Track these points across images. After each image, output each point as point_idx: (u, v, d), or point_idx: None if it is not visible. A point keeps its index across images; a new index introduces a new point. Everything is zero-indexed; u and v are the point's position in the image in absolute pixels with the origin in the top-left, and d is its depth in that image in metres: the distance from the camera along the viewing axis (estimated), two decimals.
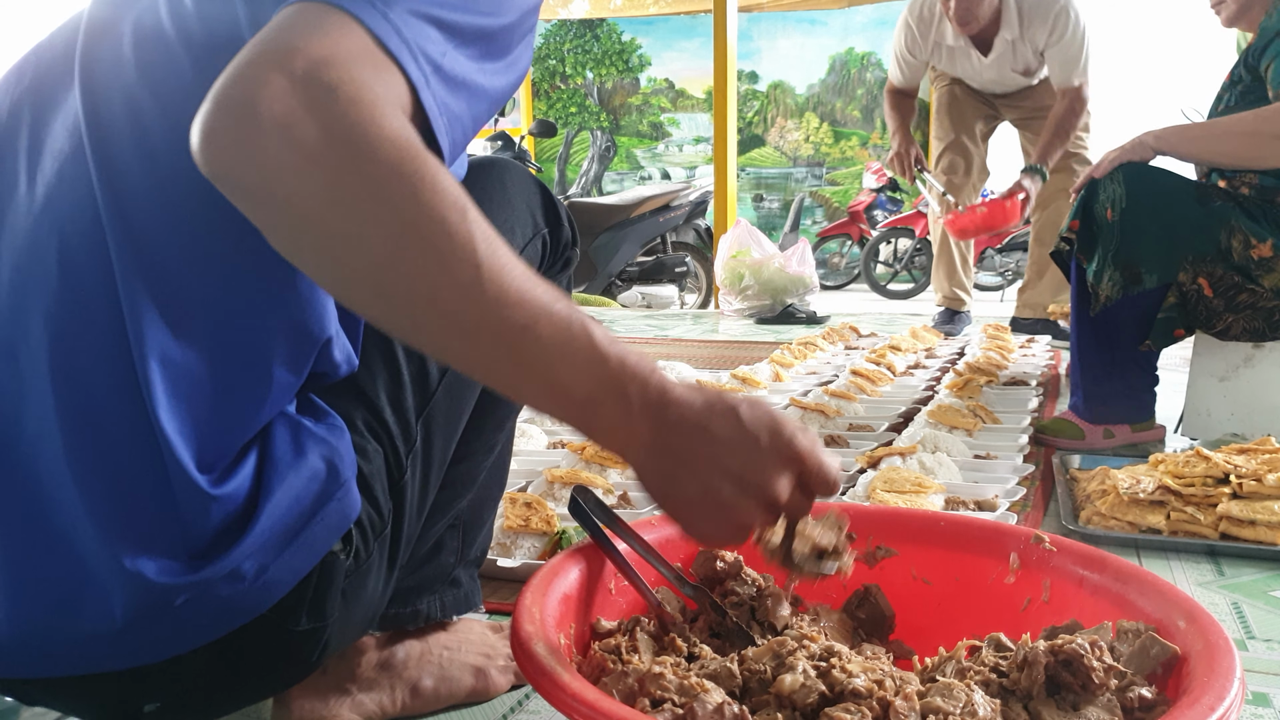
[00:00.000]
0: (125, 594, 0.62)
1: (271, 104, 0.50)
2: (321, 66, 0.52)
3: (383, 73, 0.55)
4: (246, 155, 0.51)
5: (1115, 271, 1.75)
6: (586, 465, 1.58)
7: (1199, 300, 1.76)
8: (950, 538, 0.92)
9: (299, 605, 0.69)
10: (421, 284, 0.53)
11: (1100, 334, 1.83)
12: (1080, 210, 1.80)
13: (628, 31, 10.38)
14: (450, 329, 0.55)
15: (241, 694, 0.75)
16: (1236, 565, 1.29)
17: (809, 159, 10.15)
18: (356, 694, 0.87)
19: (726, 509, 0.63)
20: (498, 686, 0.94)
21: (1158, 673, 0.70)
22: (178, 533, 0.63)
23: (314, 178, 0.51)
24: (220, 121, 0.51)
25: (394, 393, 0.76)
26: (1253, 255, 1.71)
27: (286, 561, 0.67)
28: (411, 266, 0.52)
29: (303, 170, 0.51)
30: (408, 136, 0.53)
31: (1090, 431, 1.89)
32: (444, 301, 0.53)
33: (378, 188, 0.51)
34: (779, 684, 0.67)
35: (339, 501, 0.69)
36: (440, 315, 0.54)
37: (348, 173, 0.51)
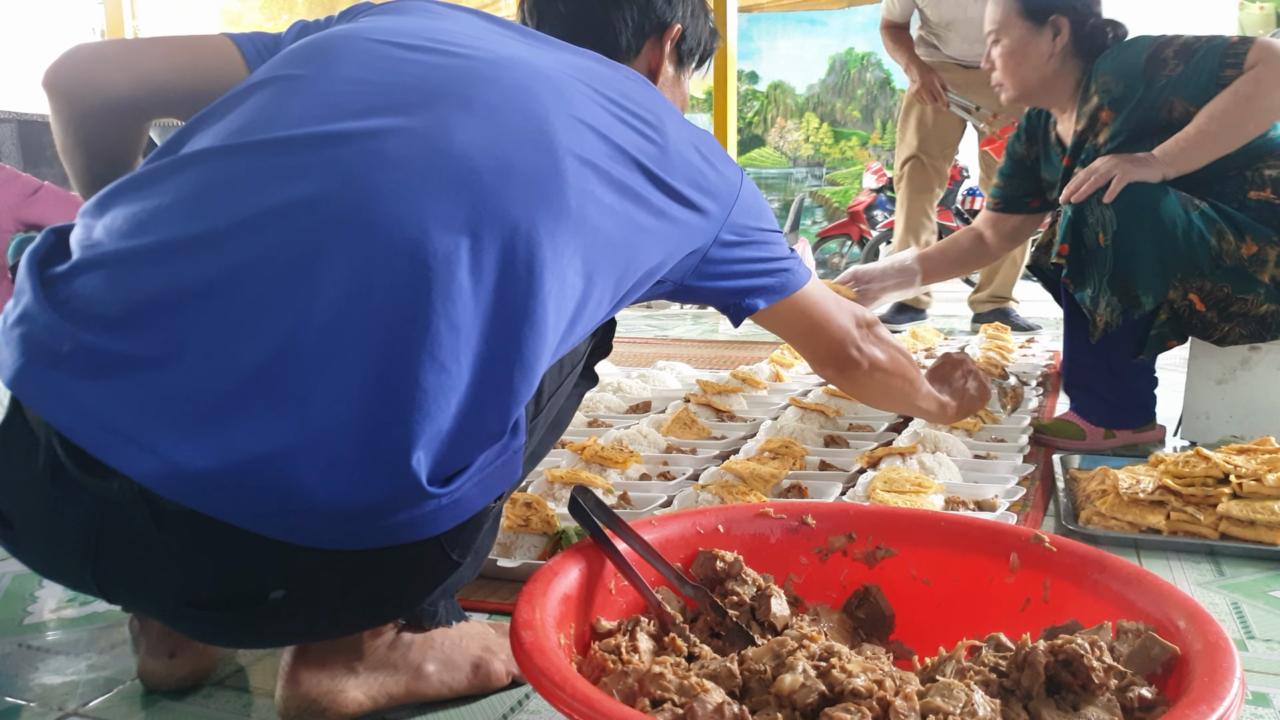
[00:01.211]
0: (392, 484, 0.70)
1: (862, 357, 1.19)
2: (844, 327, 1.17)
3: (839, 302, 1.18)
4: (870, 382, 1.23)
5: (1112, 296, 1.72)
6: (586, 465, 1.58)
7: (1192, 315, 1.76)
8: (950, 538, 0.92)
9: (458, 538, 0.78)
10: (916, 407, 1.37)
11: (1095, 350, 1.82)
12: (1069, 234, 1.75)
13: None
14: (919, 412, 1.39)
15: (360, 609, 0.80)
16: (1236, 565, 1.29)
17: (809, 159, 10.15)
18: (362, 673, 0.89)
19: (975, 405, 1.52)
20: (499, 678, 0.95)
21: (1158, 673, 0.71)
22: (455, 453, 0.73)
23: (890, 378, 1.25)
24: (852, 373, 1.20)
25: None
26: (1243, 254, 1.71)
27: (472, 494, 0.75)
28: (914, 405, 1.36)
29: (884, 375, 1.23)
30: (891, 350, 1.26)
31: (1091, 432, 1.89)
32: (920, 410, 1.39)
33: (904, 377, 1.28)
34: (779, 684, 0.67)
35: (512, 455, 0.79)
36: (920, 412, 1.39)
37: (897, 371, 1.26)
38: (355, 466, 0.69)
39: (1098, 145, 1.90)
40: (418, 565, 0.78)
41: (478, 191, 0.77)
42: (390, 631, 0.90)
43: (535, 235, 0.78)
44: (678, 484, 1.54)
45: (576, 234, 0.81)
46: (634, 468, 1.62)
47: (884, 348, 1.20)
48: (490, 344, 0.75)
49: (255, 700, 0.94)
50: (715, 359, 3.15)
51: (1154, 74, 1.81)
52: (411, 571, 0.78)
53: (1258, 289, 1.71)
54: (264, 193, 0.75)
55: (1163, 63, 1.81)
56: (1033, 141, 2.20)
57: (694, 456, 1.72)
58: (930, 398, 1.34)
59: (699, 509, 0.98)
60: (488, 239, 0.76)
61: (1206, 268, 1.72)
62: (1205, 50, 1.78)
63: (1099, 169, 1.74)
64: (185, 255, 0.73)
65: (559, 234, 0.79)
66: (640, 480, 1.58)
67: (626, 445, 1.71)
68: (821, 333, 1.12)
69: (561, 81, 0.87)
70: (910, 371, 1.26)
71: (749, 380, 2.27)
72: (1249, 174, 1.78)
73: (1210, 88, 1.75)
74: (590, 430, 1.90)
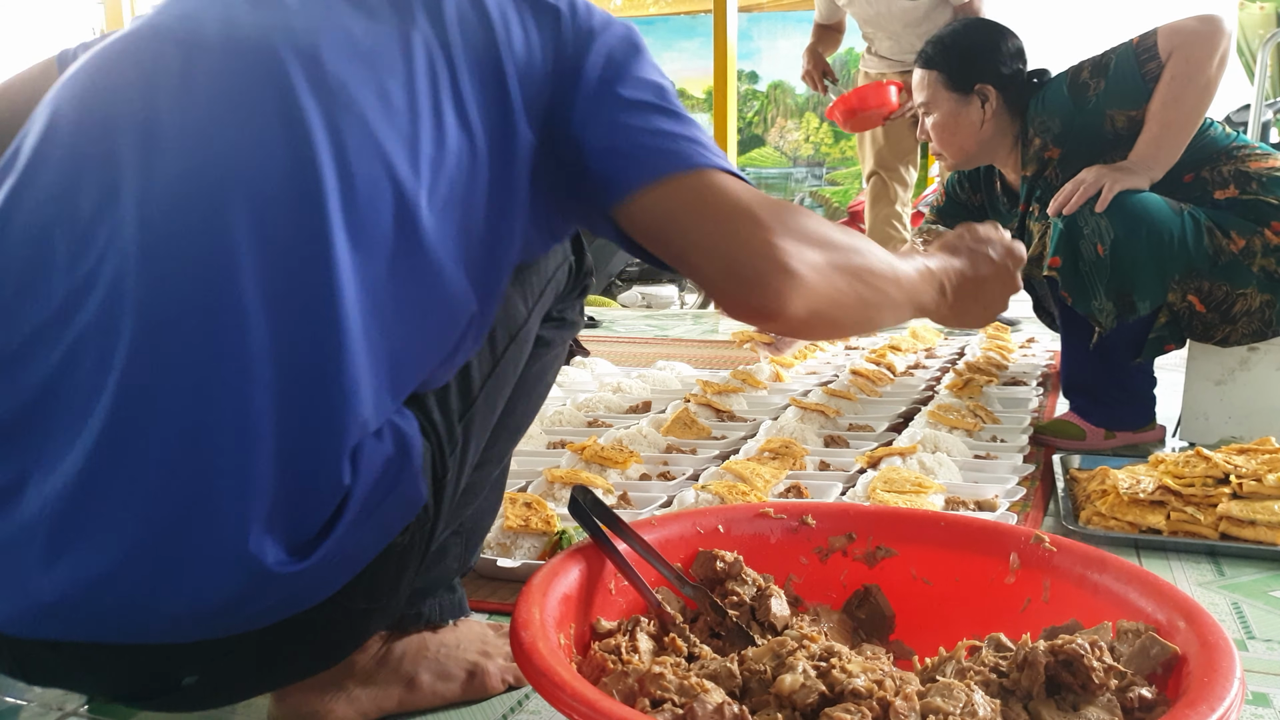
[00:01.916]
0: (237, 576, 0.63)
1: (795, 259, 0.71)
2: (777, 214, 0.72)
3: (760, 193, 0.75)
4: (812, 294, 0.72)
5: (1108, 302, 1.73)
6: (586, 465, 1.58)
7: (1192, 316, 1.76)
8: (950, 538, 0.92)
9: (358, 586, 0.71)
10: (891, 304, 0.82)
11: (1094, 353, 1.82)
12: (1063, 247, 1.74)
13: None
14: (895, 313, 0.84)
15: (280, 673, 0.76)
16: (1236, 565, 1.29)
17: (809, 159, 10.15)
18: (353, 689, 0.87)
19: (993, 304, 0.97)
20: (494, 685, 0.94)
21: (1158, 673, 0.71)
22: (303, 521, 0.65)
23: (844, 282, 0.75)
24: (782, 285, 0.71)
25: (441, 395, 0.78)
26: (1233, 250, 1.71)
27: (360, 542, 0.69)
28: (891, 301, 0.82)
29: (836, 281, 0.74)
30: (823, 225, 0.76)
31: (1091, 432, 1.89)
32: (895, 306, 0.83)
33: (865, 272, 0.78)
34: (779, 684, 0.67)
35: (408, 486, 0.71)
36: (895, 310, 0.84)
37: (851, 271, 0.77)
38: (194, 565, 0.63)
39: (1051, 182, 1.93)
40: (328, 628, 0.73)
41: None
42: (378, 643, 0.89)
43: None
44: (678, 484, 1.54)
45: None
46: (634, 468, 1.62)
47: (820, 238, 0.75)
48: (283, 392, 0.65)
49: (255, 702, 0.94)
50: (715, 359, 3.15)
51: (1081, 98, 1.86)
52: (323, 635, 0.74)
53: (1251, 281, 1.72)
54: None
55: (1084, 86, 1.85)
56: (976, 189, 2.24)
57: (694, 456, 1.72)
58: (907, 280, 0.85)
59: (699, 509, 0.98)
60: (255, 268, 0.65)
61: (1204, 267, 1.72)
62: (1117, 58, 1.82)
63: (1087, 180, 1.75)
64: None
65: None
66: (640, 480, 1.58)
67: (626, 445, 1.71)
68: (728, 225, 0.71)
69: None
70: (867, 259, 0.79)
71: (749, 380, 2.27)
72: (1208, 175, 1.81)
73: (1140, 87, 1.79)
74: (590, 430, 1.90)
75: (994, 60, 1.98)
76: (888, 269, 0.82)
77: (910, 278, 0.85)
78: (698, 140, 0.75)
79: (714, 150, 0.75)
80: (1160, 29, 1.80)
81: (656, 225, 0.73)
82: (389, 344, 0.68)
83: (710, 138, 0.76)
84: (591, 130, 0.75)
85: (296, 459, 0.65)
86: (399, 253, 0.68)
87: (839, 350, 3.03)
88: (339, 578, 0.69)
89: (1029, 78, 2.00)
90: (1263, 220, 1.73)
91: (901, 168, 3.91)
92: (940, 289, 0.90)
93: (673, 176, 0.72)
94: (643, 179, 0.72)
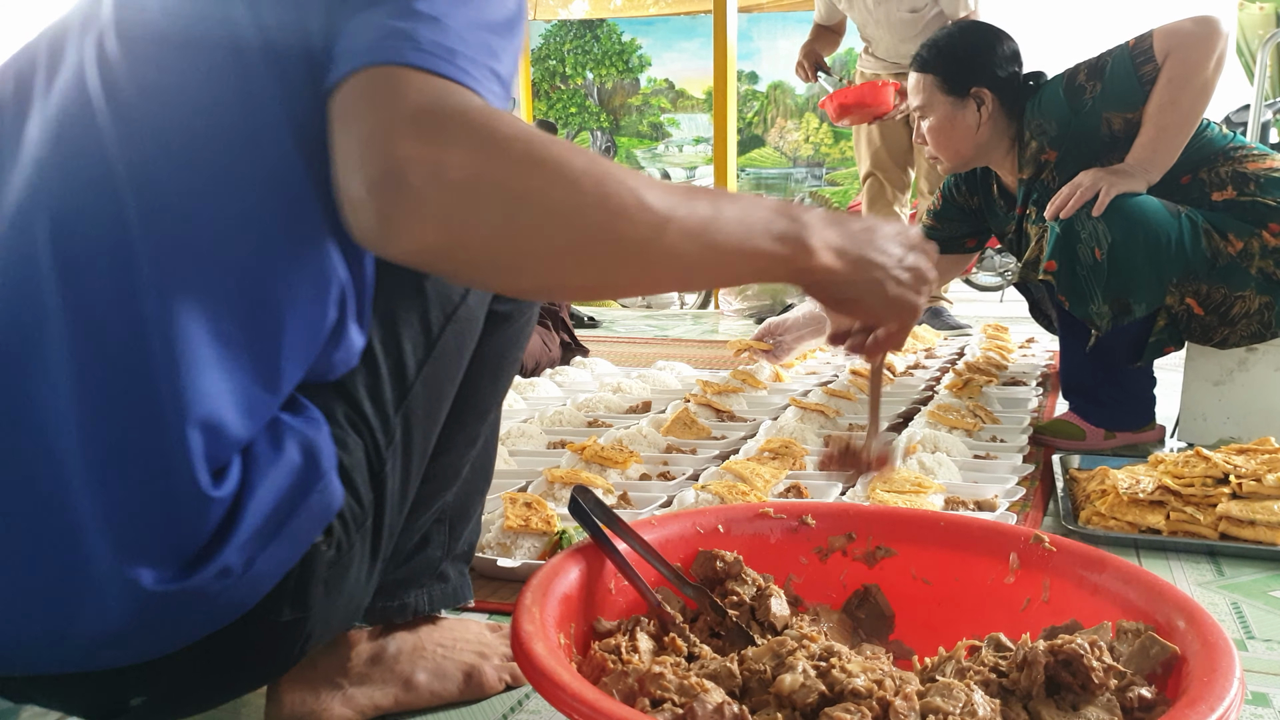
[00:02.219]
0: (120, 602, 0.62)
1: (413, 162, 0.54)
2: (424, 112, 0.55)
3: (465, 94, 0.58)
4: (424, 217, 0.54)
5: (1104, 306, 1.73)
6: (586, 465, 1.58)
7: (1190, 319, 1.76)
8: (950, 538, 0.92)
9: (282, 597, 0.69)
10: (610, 234, 0.59)
11: (1093, 356, 1.82)
12: (1059, 251, 1.74)
13: (628, 32, 10.38)
14: (656, 254, 0.60)
15: (227, 687, 0.75)
16: (1236, 565, 1.29)
17: (809, 159, 10.14)
18: (348, 688, 0.87)
19: (917, 268, 0.77)
20: (491, 685, 0.93)
21: (1157, 673, 0.71)
22: (175, 539, 0.63)
23: (487, 201, 0.55)
24: (384, 199, 0.54)
25: (372, 385, 0.76)
26: (1231, 252, 1.71)
27: (272, 555, 0.67)
28: (597, 227, 0.58)
29: (474, 198, 0.54)
30: (517, 121, 0.57)
31: (1091, 432, 1.89)
32: (636, 238, 0.59)
33: (535, 179, 0.56)
34: (779, 684, 0.67)
35: (320, 494, 0.69)
36: (639, 247, 0.60)
37: (507, 180, 0.55)
38: (77, 595, 0.62)
39: (1048, 185, 1.93)
40: (261, 639, 0.71)
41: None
42: (370, 642, 0.89)
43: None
44: (678, 484, 1.54)
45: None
46: (634, 468, 1.62)
47: (487, 137, 0.56)
48: (89, 411, 0.61)
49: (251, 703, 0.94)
50: (715, 359, 3.15)
51: (1077, 101, 1.86)
52: (258, 647, 0.72)
53: (1249, 284, 1.72)
54: None
55: (1080, 89, 1.86)
56: (973, 192, 2.24)
57: (694, 456, 1.72)
58: (664, 197, 0.61)
59: (699, 509, 0.98)
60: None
61: (1201, 270, 1.72)
62: (1114, 60, 1.83)
63: (1084, 183, 1.75)
64: None
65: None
66: (640, 480, 1.58)
67: (626, 445, 1.71)
68: (365, 120, 0.57)
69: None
70: (562, 166, 0.57)
71: (749, 380, 2.27)
72: (1205, 176, 1.81)
73: (1136, 90, 1.79)
74: (590, 430, 1.90)
75: (989, 63, 1.98)
76: (623, 196, 0.58)
77: (680, 207, 0.61)
78: (408, 35, 0.59)
79: (429, 48, 0.59)
80: (1156, 31, 1.80)
81: (329, 128, 0.59)
82: (238, 332, 0.64)
83: (453, 38, 0.60)
84: (337, 40, 0.63)
85: (125, 474, 0.62)
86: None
87: (839, 350, 3.03)
88: (254, 590, 0.67)
89: (1025, 81, 2.00)
90: (1260, 222, 1.73)
91: (898, 169, 3.91)
92: (797, 239, 0.68)
93: (355, 71, 0.58)
94: (334, 79, 0.60)
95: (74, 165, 0.64)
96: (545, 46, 10.39)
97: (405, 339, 0.78)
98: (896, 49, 3.65)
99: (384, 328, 0.77)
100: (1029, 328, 3.58)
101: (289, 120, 0.65)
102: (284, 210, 0.66)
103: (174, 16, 0.67)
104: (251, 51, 0.65)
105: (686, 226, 0.61)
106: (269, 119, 0.65)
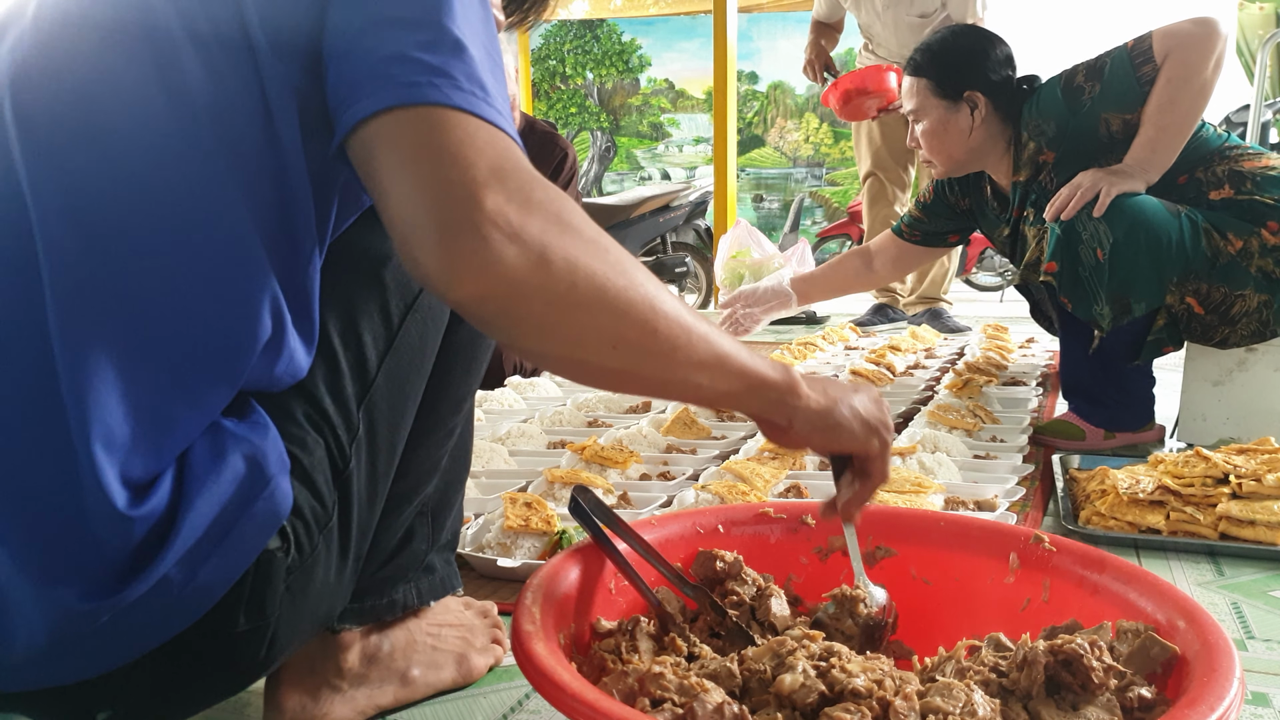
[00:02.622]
0: (47, 619, 0.61)
1: (497, 219, 0.57)
2: (501, 172, 0.59)
3: (512, 147, 0.62)
4: (495, 271, 0.57)
5: (1104, 306, 1.73)
6: (586, 465, 1.58)
7: (1190, 318, 1.76)
8: (950, 538, 0.92)
9: (236, 605, 0.68)
10: (646, 325, 0.64)
11: (1092, 355, 1.82)
12: (1060, 252, 1.74)
13: (628, 32, 10.38)
14: (673, 351, 0.66)
15: (194, 696, 0.75)
16: (1236, 565, 1.29)
17: (809, 159, 10.15)
18: (347, 689, 0.88)
19: (872, 420, 0.83)
20: (479, 669, 0.96)
21: (1157, 673, 0.71)
22: (95, 556, 0.62)
23: (555, 272, 0.59)
24: (461, 247, 0.57)
25: (332, 382, 0.75)
26: (1231, 251, 1.71)
27: (217, 565, 0.66)
28: (638, 315, 0.63)
29: (545, 268, 0.59)
30: (574, 205, 0.62)
31: (1091, 432, 1.89)
32: (664, 332, 0.65)
33: (597, 262, 0.61)
34: (779, 684, 0.67)
35: (266, 500, 0.68)
36: (663, 342, 0.65)
37: (575, 257, 0.60)
38: (10, 615, 0.61)
39: (1046, 186, 1.93)
40: (221, 648, 0.70)
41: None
42: (362, 641, 0.89)
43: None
44: (678, 484, 1.54)
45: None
46: (634, 468, 1.62)
47: (561, 218, 0.61)
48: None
49: (250, 703, 0.94)
50: None
51: (1075, 102, 1.86)
52: (218, 656, 0.71)
53: (1249, 282, 1.72)
54: None
55: (1079, 90, 1.86)
56: (965, 194, 2.25)
57: (694, 456, 1.72)
58: (701, 331, 0.68)
59: (699, 509, 0.98)
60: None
61: (1202, 270, 1.72)
62: (1112, 61, 1.83)
63: (1084, 184, 1.75)
64: None
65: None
66: (640, 480, 1.58)
67: (626, 445, 1.71)
68: (434, 165, 0.59)
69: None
70: (629, 274, 0.63)
71: None
72: (1201, 176, 1.81)
73: (1135, 90, 1.79)
74: (590, 430, 1.90)
75: (982, 67, 1.98)
76: (665, 303, 0.65)
77: (709, 331, 0.69)
78: (447, 72, 0.61)
79: (469, 87, 0.61)
80: (1155, 32, 1.80)
81: (366, 161, 0.61)
82: (146, 351, 0.63)
83: (483, 72, 0.63)
84: (335, 57, 0.63)
85: (24, 496, 0.61)
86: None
87: (839, 350, 3.03)
88: (202, 600, 0.66)
89: (1019, 84, 2.00)
90: (1259, 220, 1.73)
91: (899, 168, 3.93)
92: (789, 376, 0.77)
93: (396, 109, 0.60)
94: (366, 111, 0.60)
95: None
96: (545, 46, 10.39)
97: (365, 331, 0.77)
98: (901, 50, 3.66)
99: (342, 321, 0.76)
100: (1029, 328, 3.58)
101: (213, 124, 0.64)
102: (201, 225, 0.64)
103: (92, 10, 0.66)
104: (174, 43, 0.64)
105: (708, 339, 0.69)
106: (189, 125, 0.64)
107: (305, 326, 0.72)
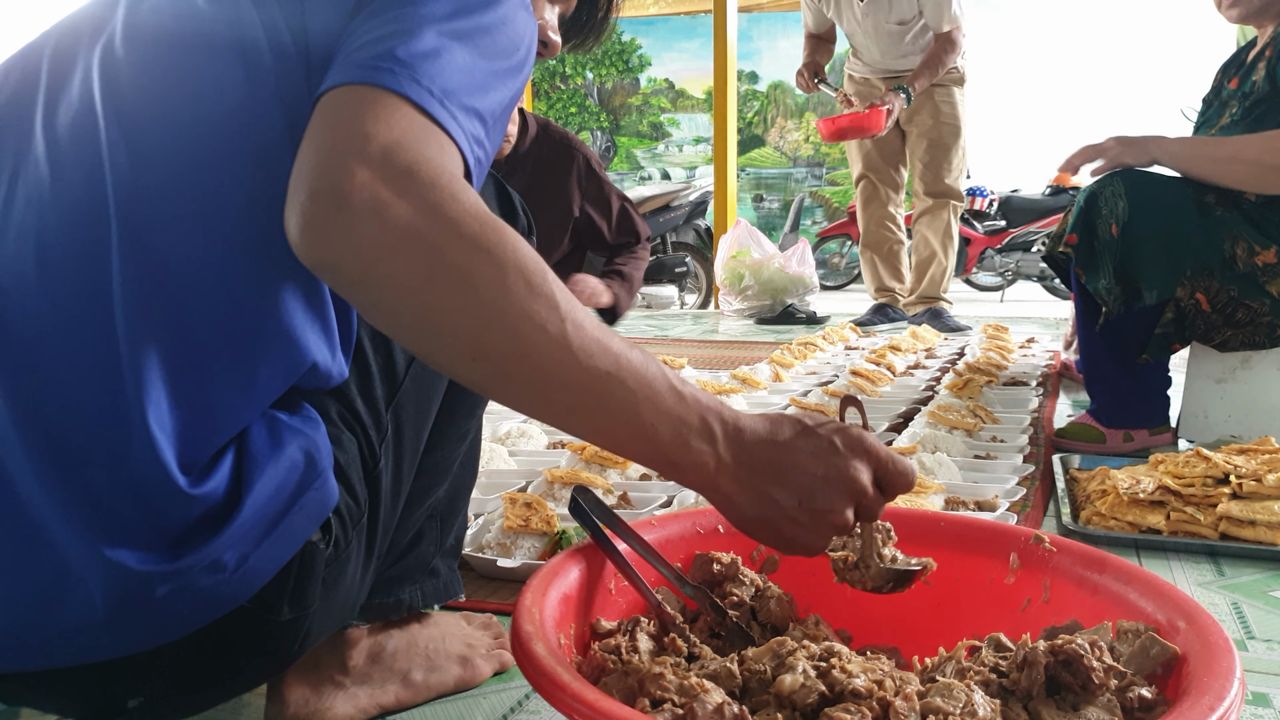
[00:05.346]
0: (106, 584, 0.62)
1: (361, 192, 0.55)
2: (395, 151, 0.57)
3: (443, 146, 0.60)
4: (346, 242, 0.55)
5: (1116, 285, 1.74)
6: (586, 465, 1.58)
7: (1196, 315, 1.77)
8: (950, 538, 0.92)
9: (280, 595, 0.70)
10: (514, 344, 0.58)
11: (1108, 343, 1.82)
12: (1080, 224, 1.77)
13: (628, 32, 10.38)
14: (544, 383, 0.60)
15: (225, 686, 0.76)
16: (1236, 565, 1.29)
17: (809, 159, 10.15)
18: (350, 686, 0.88)
19: (821, 512, 0.68)
20: (482, 674, 0.97)
21: (1157, 673, 0.70)
22: (156, 527, 0.63)
23: (410, 258, 0.56)
24: (317, 212, 0.56)
25: (363, 384, 0.77)
26: (1257, 262, 1.71)
27: (267, 551, 0.67)
28: (504, 330, 0.57)
29: (399, 251, 0.56)
30: (480, 208, 0.58)
31: (1110, 435, 1.89)
32: (536, 358, 0.58)
33: (468, 261, 0.57)
34: (779, 684, 0.67)
35: (317, 491, 0.70)
36: (533, 370, 0.59)
37: (439, 250, 0.56)
38: (67, 580, 0.62)
39: (1256, 78, 1.82)
40: (259, 637, 0.71)
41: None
42: (368, 639, 0.90)
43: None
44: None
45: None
46: (634, 468, 1.62)
47: (447, 204, 0.57)
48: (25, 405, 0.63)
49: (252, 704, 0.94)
50: (715, 359, 3.15)
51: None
52: (256, 645, 0.72)
53: (1264, 299, 1.72)
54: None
55: None
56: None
57: None
58: (594, 338, 0.60)
59: (699, 509, 0.98)
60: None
61: (1216, 268, 1.73)
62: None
63: (1103, 145, 1.77)
64: None
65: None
66: (640, 480, 1.58)
67: None
68: (322, 135, 0.59)
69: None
70: (524, 267, 0.58)
71: (748, 381, 2.27)
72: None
73: None
74: None
75: None
76: (558, 328, 0.58)
77: (605, 340, 0.60)
78: (412, 66, 0.60)
79: (427, 84, 0.60)
80: None
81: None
82: (207, 342, 0.65)
83: (457, 78, 0.62)
84: (335, 48, 0.65)
85: (78, 460, 0.62)
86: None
87: (839, 350, 3.04)
88: (247, 585, 0.67)
89: None
90: None
91: (891, 170, 3.97)
92: (705, 425, 0.64)
93: (345, 85, 0.60)
94: (324, 87, 0.61)
95: (67, 185, 0.65)
96: None
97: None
98: (883, 58, 3.76)
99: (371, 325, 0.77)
100: (1029, 328, 3.58)
101: (288, 132, 0.66)
102: (277, 234, 0.65)
103: (182, 20, 0.68)
104: (261, 68, 0.66)
105: (618, 382, 0.60)
106: (272, 137, 0.66)
107: (345, 330, 0.75)
